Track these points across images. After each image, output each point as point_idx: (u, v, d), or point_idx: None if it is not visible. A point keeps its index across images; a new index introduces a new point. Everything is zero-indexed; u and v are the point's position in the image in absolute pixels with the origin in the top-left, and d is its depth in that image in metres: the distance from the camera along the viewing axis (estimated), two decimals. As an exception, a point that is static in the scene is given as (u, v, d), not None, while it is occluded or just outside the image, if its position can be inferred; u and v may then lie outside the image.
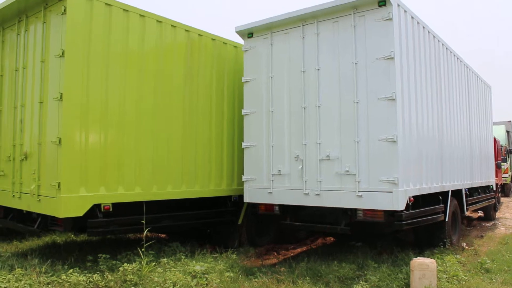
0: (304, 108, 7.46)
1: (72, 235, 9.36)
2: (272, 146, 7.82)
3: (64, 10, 6.12)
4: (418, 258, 6.06)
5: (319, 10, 7.30)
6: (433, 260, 5.94)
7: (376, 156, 6.63)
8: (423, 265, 5.69)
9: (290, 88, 7.68)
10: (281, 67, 7.81)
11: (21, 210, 7.21)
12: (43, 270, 5.65)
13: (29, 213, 7.18)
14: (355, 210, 7.04)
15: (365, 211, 6.90)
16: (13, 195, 7.05)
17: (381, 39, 6.67)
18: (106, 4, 6.59)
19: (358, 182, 6.81)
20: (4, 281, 5.21)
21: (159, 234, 9.86)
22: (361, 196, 6.78)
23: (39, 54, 6.67)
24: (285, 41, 7.80)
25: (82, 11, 6.29)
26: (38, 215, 6.84)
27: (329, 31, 7.32)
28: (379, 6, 6.69)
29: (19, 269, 5.51)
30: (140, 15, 7.05)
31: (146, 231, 6.47)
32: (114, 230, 6.79)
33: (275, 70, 7.87)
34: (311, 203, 7.37)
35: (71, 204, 6.08)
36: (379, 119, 6.64)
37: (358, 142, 6.88)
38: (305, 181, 7.37)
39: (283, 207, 7.85)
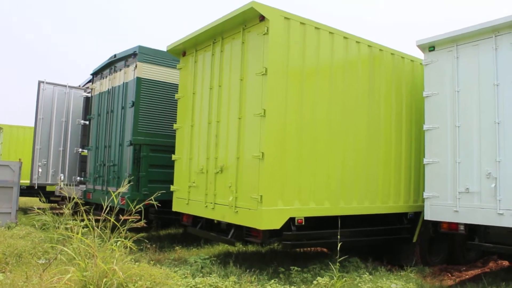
0: (498, 123, 6.97)
1: (241, 245, 9.71)
2: (458, 162, 7.41)
3: (267, 30, 6.39)
4: None
5: (518, 19, 6.84)
6: None
7: None
8: None
9: (480, 103, 7.23)
10: (468, 81, 7.39)
11: (211, 220, 7.64)
12: (253, 279, 5.87)
13: (218, 223, 7.59)
14: None
15: None
16: (206, 206, 7.48)
17: None
18: (301, 23, 6.79)
19: None
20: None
21: (324, 249, 9.89)
22: None
23: (237, 72, 7.03)
24: (474, 53, 7.40)
25: (282, 30, 6.53)
26: (230, 225, 7.18)
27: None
28: None
29: (233, 276, 5.79)
30: (330, 32, 7.16)
31: (339, 245, 6.41)
32: (305, 243, 6.89)
33: (462, 84, 7.47)
34: (506, 224, 6.83)
35: (270, 216, 6.28)
36: None
37: None
38: (499, 200, 6.85)
39: (469, 226, 7.41)
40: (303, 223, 6.65)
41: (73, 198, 5.57)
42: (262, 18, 6.50)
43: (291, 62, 6.60)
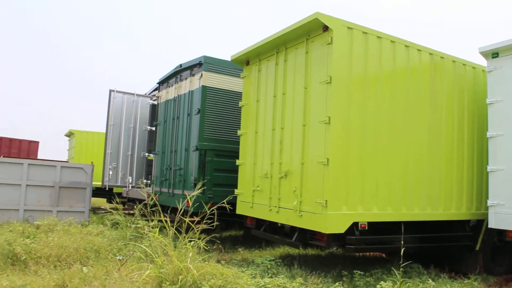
0: None
1: (302, 248, 9.94)
2: (525, 170, 7.29)
3: (331, 40, 6.62)
4: None
5: None
6: None
7: None
8: None
9: (547, 108, 7.13)
10: (534, 87, 7.29)
11: (274, 223, 7.93)
12: (319, 281, 6.10)
13: (282, 226, 7.86)
14: None
15: None
16: (270, 209, 7.77)
17: None
18: (363, 32, 6.96)
19: None
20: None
21: (382, 254, 9.93)
22: None
23: (301, 81, 7.29)
24: (541, 58, 7.29)
25: (345, 40, 6.73)
26: (294, 229, 7.42)
27: None
28: None
29: (299, 278, 6.04)
30: (391, 41, 7.27)
31: (402, 250, 6.50)
32: (367, 247, 7.03)
33: (527, 90, 7.37)
34: None
35: (335, 221, 6.47)
36: None
37: None
38: None
39: (538, 236, 7.28)
40: (366, 228, 6.80)
41: (152, 199, 6.01)
42: (325, 28, 6.73)
43: (354, 70, 6.79)
